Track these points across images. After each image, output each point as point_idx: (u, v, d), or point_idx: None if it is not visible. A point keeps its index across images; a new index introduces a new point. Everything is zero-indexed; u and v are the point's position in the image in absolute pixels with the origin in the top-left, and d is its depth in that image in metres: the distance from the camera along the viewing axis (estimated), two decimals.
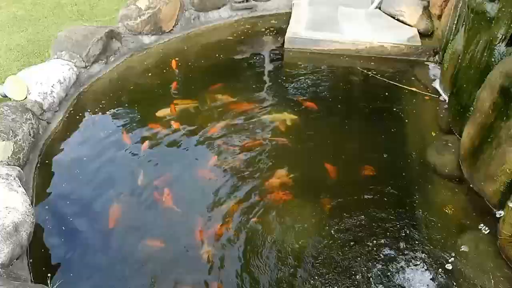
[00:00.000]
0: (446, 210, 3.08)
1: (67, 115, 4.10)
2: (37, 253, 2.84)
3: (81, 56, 4.47)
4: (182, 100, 4.29)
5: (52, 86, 3.99)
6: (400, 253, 2.78)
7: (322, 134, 3.87)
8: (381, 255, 2.78)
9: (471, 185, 3.20)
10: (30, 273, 2.67)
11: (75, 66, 4.42)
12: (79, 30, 4.66)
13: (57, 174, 3.48)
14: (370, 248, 2.83)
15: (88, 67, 4.58)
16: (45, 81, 3.97)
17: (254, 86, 4.57)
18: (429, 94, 4.35)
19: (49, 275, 2.67)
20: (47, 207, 3.18)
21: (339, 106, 4.26)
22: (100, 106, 4.26)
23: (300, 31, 5.28)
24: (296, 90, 4.53)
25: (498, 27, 3.23)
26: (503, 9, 3.15)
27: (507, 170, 2.73)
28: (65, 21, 5.55)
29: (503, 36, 3.21)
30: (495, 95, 2.97)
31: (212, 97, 4.32)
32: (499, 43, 3.24)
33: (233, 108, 4.18)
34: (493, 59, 3.26)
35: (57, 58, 4.42)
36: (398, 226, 2.97)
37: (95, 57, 4.62)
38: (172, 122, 3.99)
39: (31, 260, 2.77)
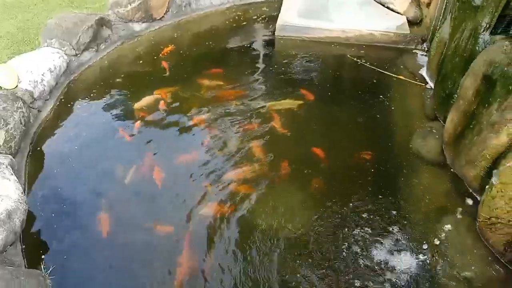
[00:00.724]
0: (429, 194, 3.17)
1: (57, 103, 4.12)
2: (30, 240, 2.90)
3: (71, 44, 4.47)
4: (170, 87, 4.32)
5: (42, 75, 4.00)
6: (383, 235, 2.88)
7: (310, 120, 3.94)
8: (364, 235, 2.87)
9: (453, 170, 3.29)
10: (24, 259, 2.74)
11: (65, 54, 4.42)
12: (69, 18, 4.65)
13: (48, 161, 3.53)
14: (353, 228, 2.92)
15: (79, 55, 4.58)
16: (36, 69, 3.98)
17: (245, 74, 4.61)
18: (416, 81, 4.41)
19: (43, 257, 2.76)
20: (39, 194, 3.23)
21: (329, 93, 4.32)
22: (91, 94, 4.28)
23: (291, 19, 5.30)
24: (286, 77, 4.58)
25: (483, 16, 3.29)
26: None
27: (487, 155, 2.82)
28: (55, 8, 5.51)
29: (488, 25, 3.26)
30: (478, 83, 3.05)
31: (203, 84, 4.36)
32: (483, 31, 3.29)
33: (223, 95, 4.23)
34: (477, 47, 3.32)
35: (47, 46, 4.42)
36: (382, 208, 3.07)
37: (86, 45, 4.62)
38: (163, 109, 4.05)
39: (24, 246, 2.83)
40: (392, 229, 2.92)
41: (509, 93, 2.70)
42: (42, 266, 2.64)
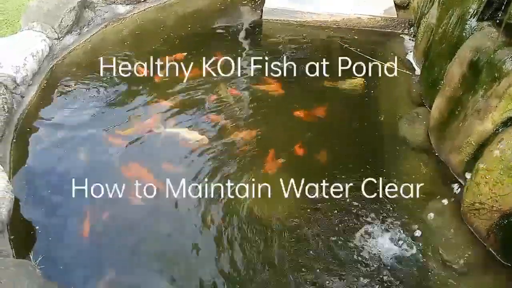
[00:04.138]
0: (414, 178, 3.22)
1: (41, 88, 4.02)
2: (18, 229, 2.86)
3: (54, 27, 4.34)
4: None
5: (24, 59, 3.88)
6: (368, 221, 2.93)
7: (293, 107, 3.94)
8: (349, 221, 2.93)
9: (438, 155, 3.34)
10: (12, 249, 2.70)
11: (48, 37, 4.29)
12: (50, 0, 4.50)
13: (34, 148, 3.46)
14: (337, 215, 2.97)
15: (61, 38, 4.45)
16: (17, 53, 3.86)
17: (232, 57, 4.54)
18: (402, 67, 4.42)
19: (32, 246, 2.73)
20: (25, 182, 3.18)
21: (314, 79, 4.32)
22: (75, 78, 4.18)
23: (278, 2, 5.23)
24: (272, 62, 4.52)
25: (470, 2, 3.30)
26: None
27: (472, 142, 2.87)
28: None
29: (475, 11, 3.28)
30: (464, 69, 3.08)
31: (189, 66, 4.32)
32: (471, 17, 3.31)
33: (211, 77, 4.23)
34: (464, 34, 3.34)
35: (28, 29, 4.28)
36: (368, 193, 3.11)
37: (68, 28, 4.50)
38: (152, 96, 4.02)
39: (12, 236, 2.78)
40: (377, 213, 2.98)
41: (495, 80, 2.74)
42: (31, 256, 2.62)
